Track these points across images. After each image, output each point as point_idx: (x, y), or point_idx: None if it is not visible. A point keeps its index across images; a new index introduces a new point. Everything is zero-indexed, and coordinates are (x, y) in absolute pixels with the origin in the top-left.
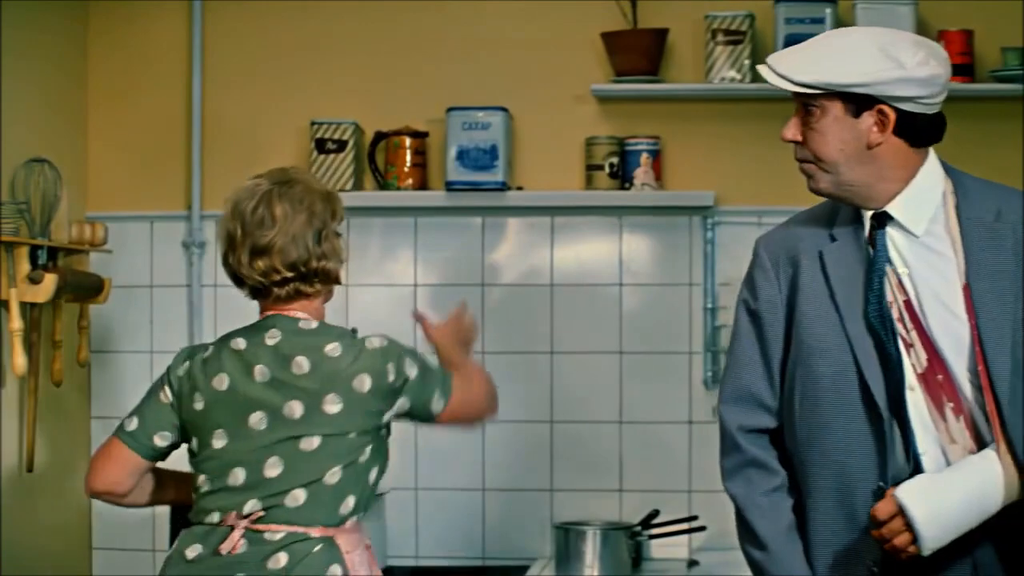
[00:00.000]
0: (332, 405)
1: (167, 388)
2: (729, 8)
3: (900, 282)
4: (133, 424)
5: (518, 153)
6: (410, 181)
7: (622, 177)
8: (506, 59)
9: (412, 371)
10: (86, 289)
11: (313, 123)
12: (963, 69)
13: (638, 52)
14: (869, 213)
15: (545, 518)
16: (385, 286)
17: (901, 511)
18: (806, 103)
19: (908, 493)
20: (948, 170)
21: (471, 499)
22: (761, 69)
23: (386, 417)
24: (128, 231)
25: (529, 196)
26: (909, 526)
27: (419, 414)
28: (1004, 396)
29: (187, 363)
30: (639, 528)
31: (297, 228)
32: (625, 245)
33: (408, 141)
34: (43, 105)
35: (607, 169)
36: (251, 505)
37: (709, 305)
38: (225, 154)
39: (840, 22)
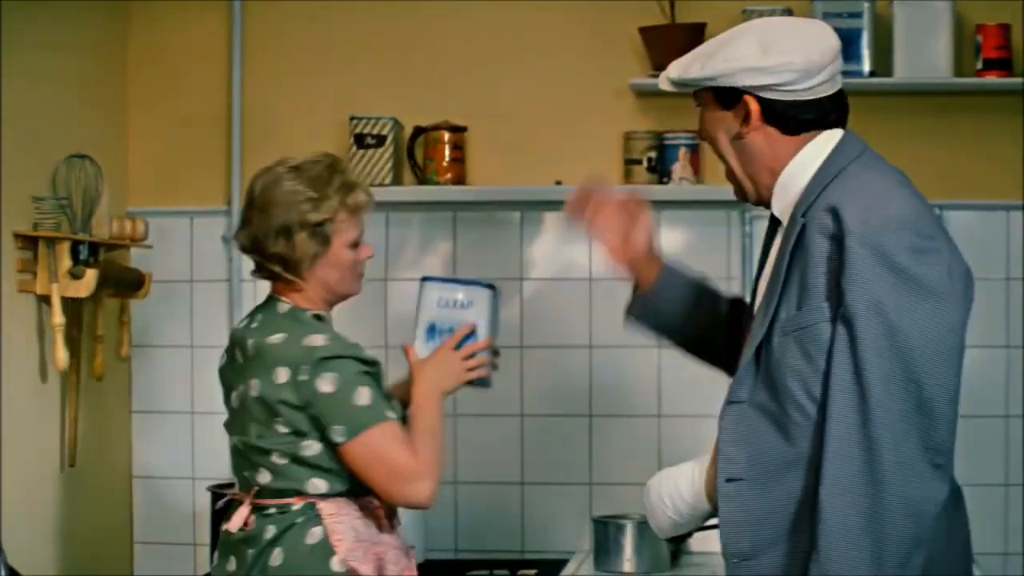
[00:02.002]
0: (253, 390)
1: None
2: (766, 3)
3: None
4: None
5: (557, 148)
6: (449, 176)
7: (660, 171)
8: (544, 54)
9: (326, 386)
10: (127, 284)
11: (352, 118)
12: (1000, 63)
13: (676, 47)
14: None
15: (584, 511)
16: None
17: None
18: (697, 102)
19: (656, 476)
20: (833, 161)
21: (510, 493)
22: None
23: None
24: (168, 226)
25: (567, 191)
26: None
27: (324, 436)
28: (731, 396)
29: None
30: None
31: (271, 218)
32: (663, 239)
33: (447, 136)
34: (84, 101)
35: (645, 163)
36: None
37: (747, 300)
38: (265, 149)
39: (877, 16)
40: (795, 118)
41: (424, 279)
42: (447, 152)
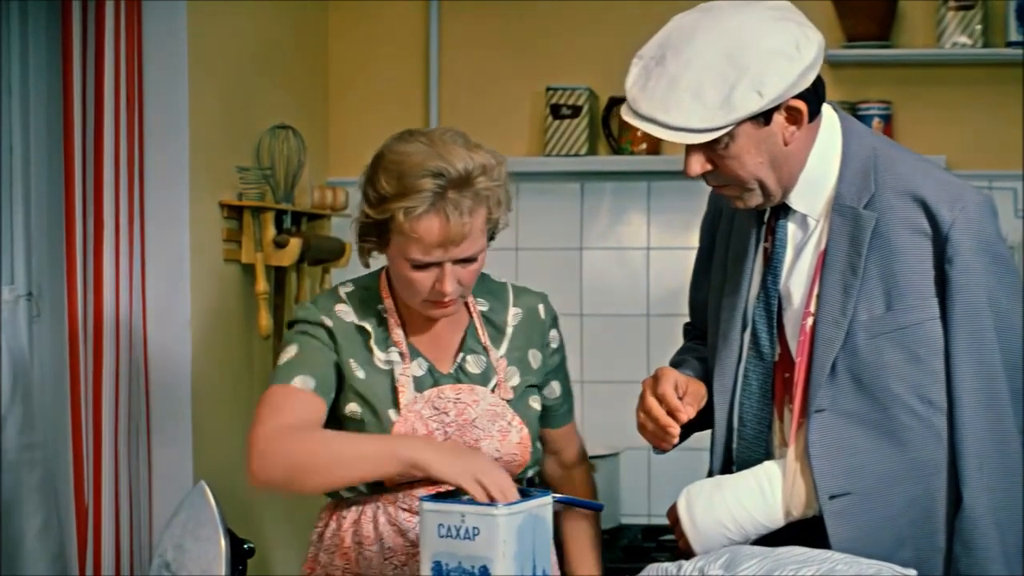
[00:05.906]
0: None
1: None
2: None
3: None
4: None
5: None
6: (643, 146)
7: None
8: None
9: None
10: (328, 253)
11: (548, 89)
12: None
13: (869, 17)
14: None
15: None
16: (616, 249)
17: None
18: (717, 146)
19: (687, 495)
20: (852, 142)
21: (703, 459)
22: (643, 125)
23: None
24: None
25: None
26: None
27: None
28: (814, 406)
29: None
30: None
31: None
32: None
33: None
34: (286, 73)
35: None
36: None
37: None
38: (462, 120)
39: None
40: (820, 102)
41: (422, 500)
42: None
